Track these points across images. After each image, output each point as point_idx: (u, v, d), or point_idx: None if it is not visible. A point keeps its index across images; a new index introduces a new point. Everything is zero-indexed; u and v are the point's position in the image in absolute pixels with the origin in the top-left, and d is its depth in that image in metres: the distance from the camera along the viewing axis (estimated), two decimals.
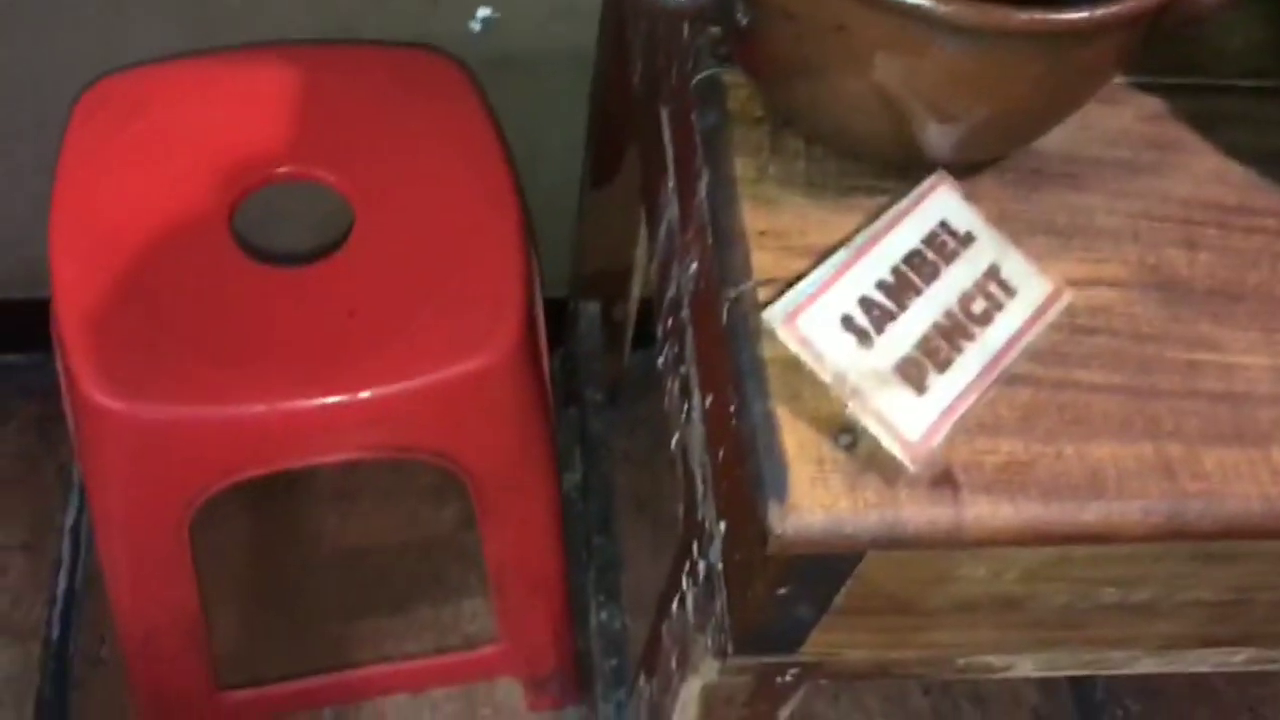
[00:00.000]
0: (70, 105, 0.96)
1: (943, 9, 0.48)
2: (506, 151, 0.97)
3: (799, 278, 0.55)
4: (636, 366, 1.36)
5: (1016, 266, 0.56)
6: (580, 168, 1.17)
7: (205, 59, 1.00)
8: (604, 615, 1.23)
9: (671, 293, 0.68)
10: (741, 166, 0.58)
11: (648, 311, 1.28)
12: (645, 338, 1.27)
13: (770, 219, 0.57)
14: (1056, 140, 0.60)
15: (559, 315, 1.31)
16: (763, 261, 0.56)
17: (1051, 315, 0.56)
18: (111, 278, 0.87)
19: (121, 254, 0.88)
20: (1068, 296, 0.57)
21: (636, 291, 1.26)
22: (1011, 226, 0.58)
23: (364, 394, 0.85)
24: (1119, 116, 0.63)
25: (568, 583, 1.13)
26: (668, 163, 0.68)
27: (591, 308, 1.29)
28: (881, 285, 0.55)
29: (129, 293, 0.87)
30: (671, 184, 0.67)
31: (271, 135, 0.95)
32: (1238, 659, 0.69)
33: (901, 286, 0.55)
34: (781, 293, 0.54)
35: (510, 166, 0.96)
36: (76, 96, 0.97)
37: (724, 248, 0.56)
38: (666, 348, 0.70)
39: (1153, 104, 0.64)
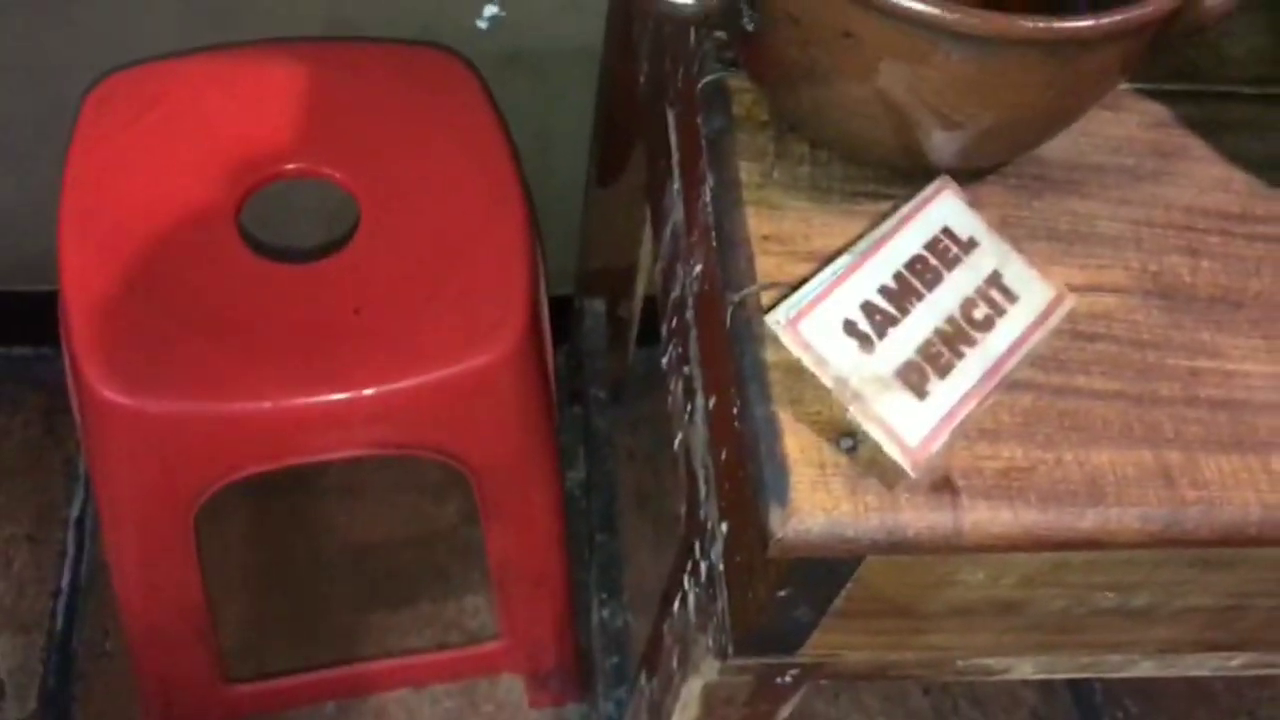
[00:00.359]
0: (79, 99, 0.97)
1: (948, 16, 0.48)
2: (512, 149, 0.97)
3: (802, 282, 0.55)
4: (640, 364, 1.36)
5: (1018, 272, 0.57)
6: (586, 165, 1.18)
7: (213, 55, 1.00)
8: (606, 613, 1.23)
9: (676, 294, 0.68)
10: (746, 171, 0.59)
11: (652, 309, 1.29)
12: (650, 335, 1.28)
13: (774, 223, 0.57)
14: (1060, 147, 0.60)
15: (564, 312, 1.31)
16: (766, 266, 0.56)
17: (1053, 321, 0.56)
18: (119, 272, 0.88)
19: (129, 248, 0.89)
20: (1069, 303, 0.57)
21: (641, 289, 1.26)
22: (1014, 232, 0.59)
23: (369, 391, 0.86)
24: (1122, 123, 0.63)
25: (570, 580, 1.13)
26: (673, 165, 0.68)
27: (596, 305, 1.29)
28: (884, 290, 0.55)
29: (136, 287, 0.87)
30: (677, 186, 0.67)
31: (278, 132, 0.95)
32: (1235, 663, 0.69)
33: (904, 292, 0.55)
34: (785, 297, 0.54)
35: (516, 164, 0.96)
36: (86, 91, 0.97)
37: (728, 251, 0.57)
38: (670, 348, 0.70)
39: (1156, 110, 0.64)
